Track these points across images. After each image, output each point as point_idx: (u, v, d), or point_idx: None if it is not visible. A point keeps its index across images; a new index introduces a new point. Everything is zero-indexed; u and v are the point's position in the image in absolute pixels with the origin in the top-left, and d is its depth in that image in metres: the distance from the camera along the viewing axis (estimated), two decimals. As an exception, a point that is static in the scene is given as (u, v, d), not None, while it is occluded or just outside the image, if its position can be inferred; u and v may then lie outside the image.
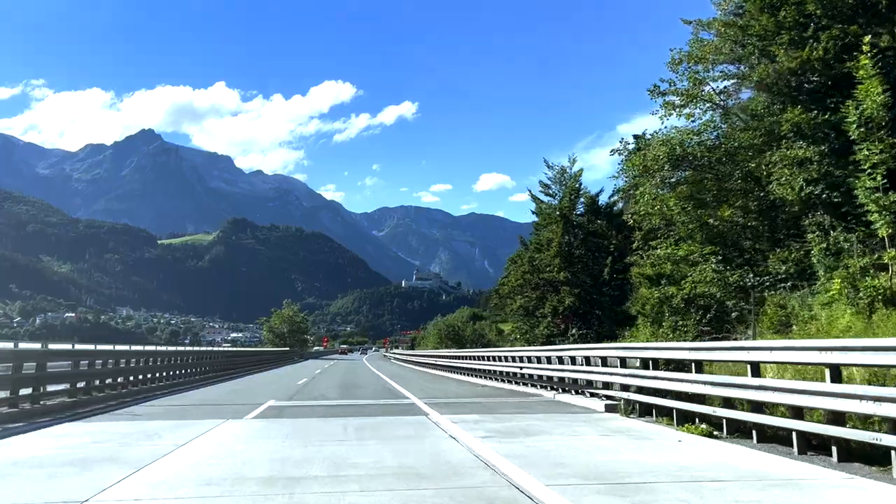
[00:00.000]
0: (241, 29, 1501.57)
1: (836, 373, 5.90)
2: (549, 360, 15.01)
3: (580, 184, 31.06)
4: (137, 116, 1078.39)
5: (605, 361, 11.35)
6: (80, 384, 12.50)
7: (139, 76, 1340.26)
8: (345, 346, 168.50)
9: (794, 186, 12.95)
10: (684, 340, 13.57)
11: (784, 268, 13.47)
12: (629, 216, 19.46)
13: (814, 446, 6.42)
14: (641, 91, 28.12)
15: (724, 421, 7.65)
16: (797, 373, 7.73)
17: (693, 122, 16.73)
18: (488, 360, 21.05)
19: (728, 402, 7.60)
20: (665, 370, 9.34)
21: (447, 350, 40.82)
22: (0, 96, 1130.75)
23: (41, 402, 10.82)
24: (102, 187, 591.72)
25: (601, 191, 32.46)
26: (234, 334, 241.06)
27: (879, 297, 9.88)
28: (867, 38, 11.33)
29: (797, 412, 6.47)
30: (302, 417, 10.62)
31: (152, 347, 28.37)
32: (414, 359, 45.99)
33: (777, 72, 14.00)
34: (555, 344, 24.33)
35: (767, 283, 13.64)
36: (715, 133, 16.46)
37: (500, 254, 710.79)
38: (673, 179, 16.37)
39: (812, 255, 12.34)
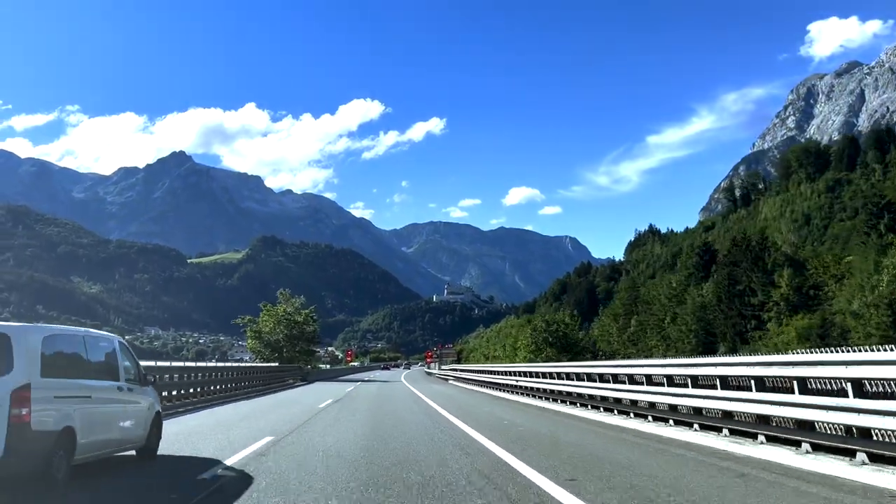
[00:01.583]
0: (271, 51, 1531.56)
1: None
2: None
3: None
4: (169, 139, 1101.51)
5: None
6: None
7: (171, 99, 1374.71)
8: (384, 361, 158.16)
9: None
10: None
11: None
12: None
13: None
14: (670, 102, 17.31)
15: None
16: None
17: None
18: None
19: None
20: None
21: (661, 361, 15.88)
22: (37, 122, 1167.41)
23: None
24: (135, 210, 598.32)
25: None
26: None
27: None
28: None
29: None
30: None
31: None
32: (518, 382, 23.56)
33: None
34: None
35: None
36: None
37: (532, 269, 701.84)
38: None
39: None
